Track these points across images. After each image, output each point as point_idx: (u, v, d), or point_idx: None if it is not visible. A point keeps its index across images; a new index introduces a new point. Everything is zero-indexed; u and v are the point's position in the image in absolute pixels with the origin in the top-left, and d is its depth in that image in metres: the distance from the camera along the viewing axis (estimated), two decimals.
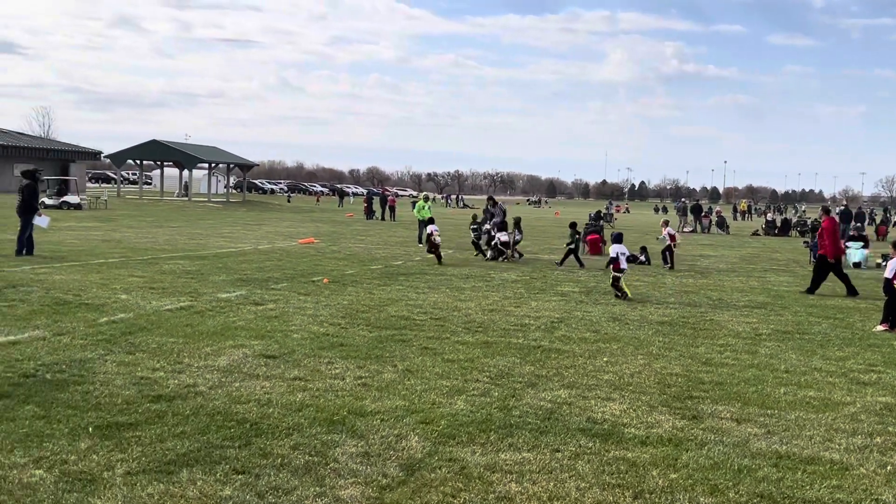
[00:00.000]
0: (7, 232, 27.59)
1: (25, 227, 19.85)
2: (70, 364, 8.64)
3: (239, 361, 9.16)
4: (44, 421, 6.69)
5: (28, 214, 19.92)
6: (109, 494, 5.26)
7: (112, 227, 32.40)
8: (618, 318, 13.41)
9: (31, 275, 15.77)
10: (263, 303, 13.55)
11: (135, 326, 10.90)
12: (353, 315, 12.67)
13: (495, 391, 8.27)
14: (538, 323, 12.62)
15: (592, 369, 9.52)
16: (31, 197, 20.15)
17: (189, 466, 5.80)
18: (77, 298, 13.06)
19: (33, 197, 20.22)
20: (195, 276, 16.73)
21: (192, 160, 66.11)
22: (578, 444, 6.71)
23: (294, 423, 6.95)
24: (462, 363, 9.52)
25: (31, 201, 20.07)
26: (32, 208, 20.03)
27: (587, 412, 7.67)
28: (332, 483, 5.63)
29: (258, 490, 5.45)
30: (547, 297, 15.87)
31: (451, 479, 5.78)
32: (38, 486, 5.34)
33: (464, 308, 13.88)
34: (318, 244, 27.78)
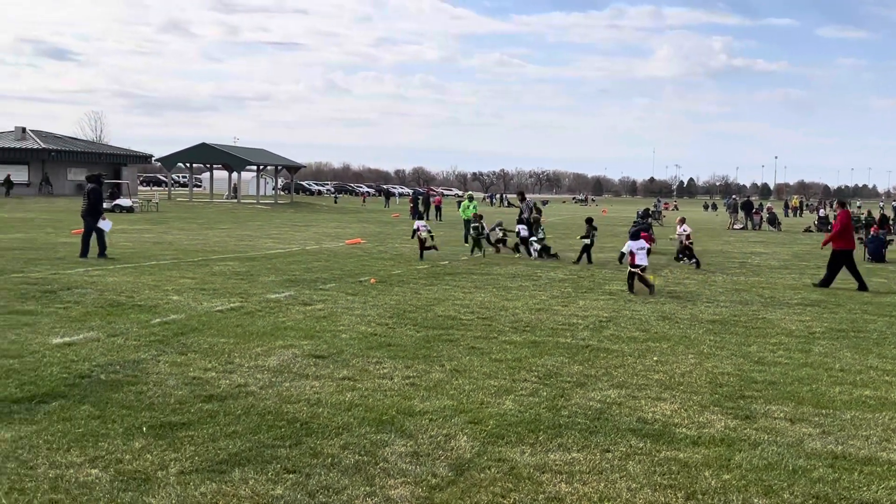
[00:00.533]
0: (62, 236, 28.19)
1: (90, 230, 20.34)
2: (124, 364, 8.80)
3: (289, 361, 9.25)
4: (99, 421, 6.81)
5: (94, 217, 20.43)
6: (163, 493, 5.35)
7: (163, 230, 32.93)
8: (667, 317, 13.27)
9: (84, 277, 16.09)
10: (312, 303, 13.66)
11: (187, 327, 11.06)
12: (400, 315, 12.71)
13: (544, 391, 8.23)
14: (586, 322, 12.54)
15: (642, 369, 9.43)
16: (98, 201, 20.69)
17: (241, 466, 5.87)
18: (130, 300, 13.30)
19: (99, 201, 20.75)
20: (245, 278, 16.93)
21: (240, 163, 66.92)
22: (629, 444, 6.65)
23: (343, 422, 6.99)
24: (510, 363, 9.50)
25: (98, 205, 20.61)
26: (98, 211, 20.55)
27: (637, 412, 7.59)
28: (382, 483, 5.66)
29: (309, 489, 5.49)
30: (595, 296, 15.76)
31: (501, 480, 5.76)
32: (95, 485, 5.44)
33: (511, 307, 13.85)
34: (365, 245, 27.92)
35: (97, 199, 20.69)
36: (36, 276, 16.07)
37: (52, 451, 6.06)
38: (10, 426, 6.59)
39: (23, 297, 13.25)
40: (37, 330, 10.54)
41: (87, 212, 20.56)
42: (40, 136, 72.84)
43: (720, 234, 41.19)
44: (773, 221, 49.96)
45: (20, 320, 11.17)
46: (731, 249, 30.56)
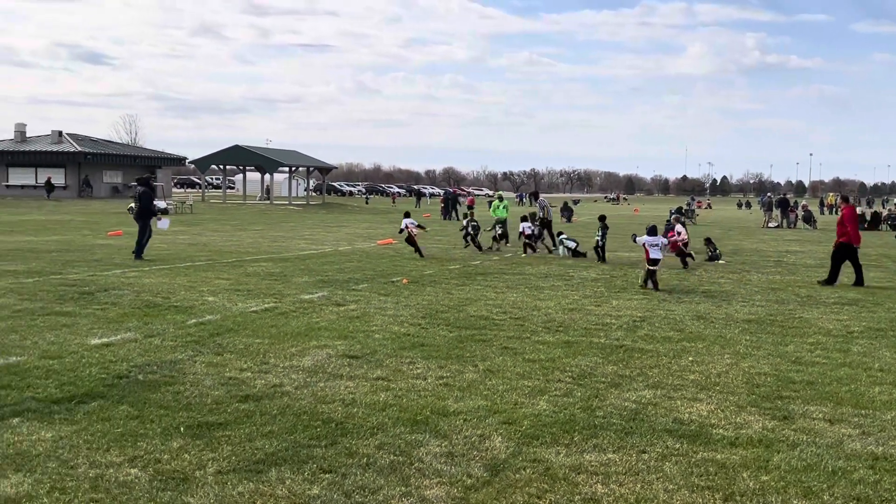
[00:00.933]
0: (99, 238, 28.56)
1: (144, 231, 20.76)
2: (161, 365, 8.90)
3: (323, 361, 9.29)
4: (137, 421, 6.90)
5: (145, 219, 20.84)
6: (202, 493, 5.40)
7: (198, 231, 33.24)
8: (702, 317, 13.16)
9: (121, 278, 16.29)
10: (345, 303, 13.71)
11: (222, 328, 11.16)
12: (432, 315, 12.73)
13: (578, 391, 8.20)
14: (620, 322, 12.47)
15: (677, 369, 9.36)
16: (149, 203, 21.14)
17: (278, 465, 5.92)
18: (166, 301, 13.45)
19: (150, 202, 21.18)
20: (278, 278, 17.04)
21: (273, 164, 67.38)
22: (665, 445, 6.61)
23: (378, 422, 7.01)
24: (543, 363, 9.47)
25: (150, 206, 21.06)
26: (150, 213, 20.98)
27: (673, 413, 7.54)
28: (418, 483, 5.67)
29: (345, 489, 5.52)
30: (628, 295, 15.67)
31: (536, 480, 5.75)
32: (134, 485, 5.51)
33: (543, 307, 13.81)
34: (397, 245, 27.97)
35: (148, 201, 21.16)
36: (74, 277, 16.31)
37: (91, 450, 6.15)
38: (51, 426, 6.69)
39: (61, 298, 13.45)
40: (75, 331, 10.70)
41: (138, 214, 21.02)
42: (76, 140, 73.86)
43: (755, 233, 40.75)
44: (809, 219, 49.35)
45: (59, 321, 11.34)
46: (767, 248, 30.23)
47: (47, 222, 37.22)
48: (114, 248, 24.02)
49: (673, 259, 23.90)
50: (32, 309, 12.30)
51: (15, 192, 68.38)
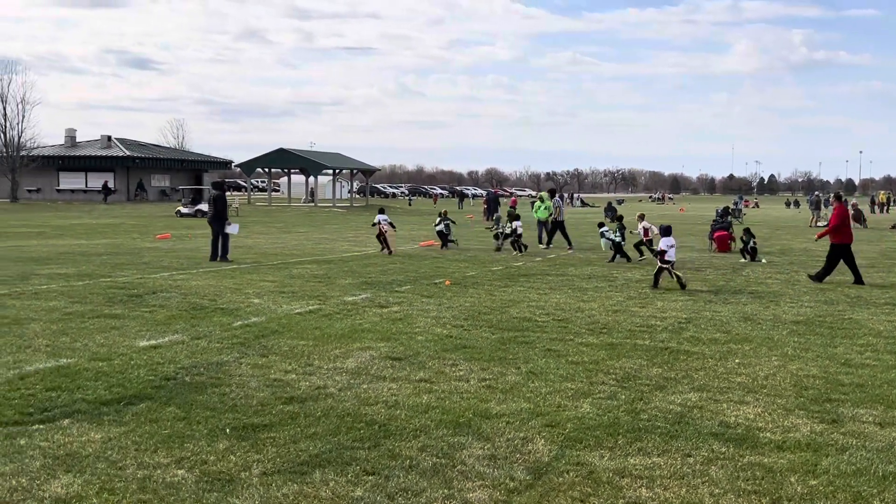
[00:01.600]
0: (147, 241, 29.02)
1: (218, 235, 21.28)
2: (207, 367, 9.01)
3: (366, 363, 9.34)
4: (184, 422, 6.99)
5: (219, 223, 21.34)
6: (247, 494, 5.46)
7: (244, 234, 33.57)
8: (749, 318, 12.98)
9: (169, 281, 16.54)
10: (388, 305, 13.77)
11: (267, 330, 11.27)
12: (475, 317, 12.72)
13: (622, 394, 8.14)
14: (665, 324, 12.35)
15: (724, 371, 9.24)
16: (224, 207, 21.63)
17: (321, 467, 5.96)
18: (213, 303, 13.62)
19: (225, 207, 21.68)
20: (323, 280, 17.17)
21: (317, 167, 67.93)
22: (711, 448, 6.53)
23: (421, 424, 7.03)
24: (587, 365, 9.41)
25: (224, 211, 21.52)
26: (224, 217, 21.45)
27: (719, 416, 7.45)
28: (460, 485, 5.67)
29: (388, 491, 5.54)
30: (673, 296, 15.51)
31: (580, 484, 5.72)
32: (181, 486, 5.59)
33: (587, 309, 13.73)
34: (439, 246, 28.02)
35: (223, 205, 21.66)
36: (123, 280, 16.60)
37: (139, 451, 6.25)
38: (100, 427, 6.82)
39: (110, 301, 13.70)
40: (124, 333, 10.88)
41: (213, 218, 21.50)
42: (125, 144, 75.23)
43: (803, 232, 40.06)
44: (859, 218, 48.37)
45: (108, 324, 11.55)
46: (815, 248, 29.69)
47: (97, 226, 37.92)
48: (162, 251, 24.40)
49: (720, 260, 23.60)
50: (82, 311, 12.54)
51: (65, 196, 69.84)
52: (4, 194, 68.09)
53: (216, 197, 21.76)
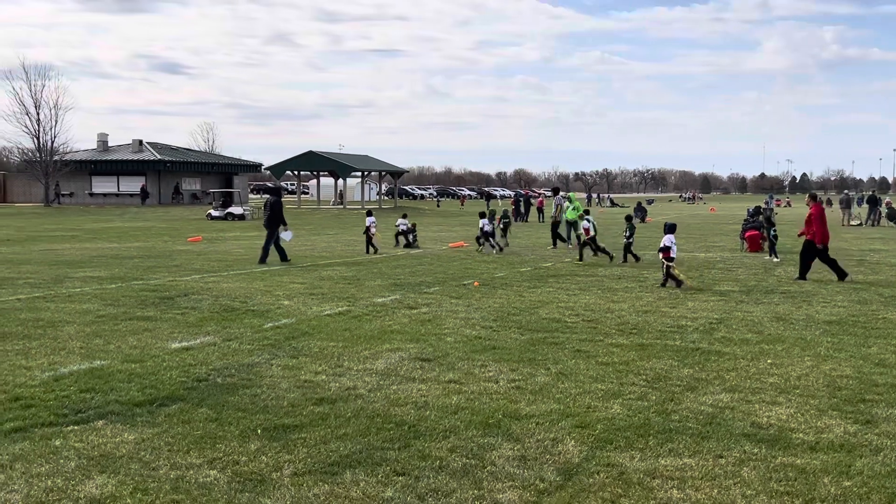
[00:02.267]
0: (178, 244, 29.29)
1: (271, 238, 21.54)
2: (239, 368, 9.09)
3: (395, 364, 9.37)
4: (216, 423, 7.05)
5: (275, 227, 21.58)
6: (278, 494, 5.50)
7: None
8: (781, 318, 12.85)
9: (200, 283, 16.69)
10: (417, 307, 13.79)
11: (297, 331, 11.34)
12: (504, 318, 12.71)
13: (652, 395, 8.09)
14: (696, 324, 12.26)
15: (755, 372, 9.16)
16: (280, 211, 21.84)
17: (352, 468, 5.99)
18: (243, 305, 13.73)
19: (281, 211, 21.90)
20: (352, 282, 17.24)
21: (346, 169, 68.17)
22: (743, 449, 6.47)
23: (450, 425, 7.04)
24: (617, 366, 9.37)
25: (280, 215, 21.74)
26: (280, 221, 21.66)
27: (751, 417, 7.38)
28: (490, 486, 5.67)
29: (418, 492, 5.55)
30: (705, 296, 15.39)
31: (610, 485, 5.70)
32: (213, 486, 5.64)
33: (617, 309, 13.66)
34: (468, 247, 28.03)
35: (279, 209, 21.84)
36: (155, 283, 16.77)
37: (172, 452, 6.31)
38: (133, 428, 6.90)
39: (143, 303, 13.85)
40: (156, 335, 11.00)
41: (268, 222, 21.70)
42: (156, 148, 76.00)
43: (836, 231, 39.57)
44: (893, 217, 47.73)
45: (141, 326, 11.68)
46: (849, 247, 29.37)
47: (129, 229, 38.35)
48: (193, 253, 24.63)
49: (751, 259, 23.39)
50: (115, 314, 12.69)
51: (98, 199, 70.69)
52: (38, 198, 69.07)
53: (273, 202, 22.04)
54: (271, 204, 21.93)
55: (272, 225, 21.60)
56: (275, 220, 21.61)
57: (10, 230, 36.61)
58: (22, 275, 18.07)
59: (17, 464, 6.01)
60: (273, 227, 21.58)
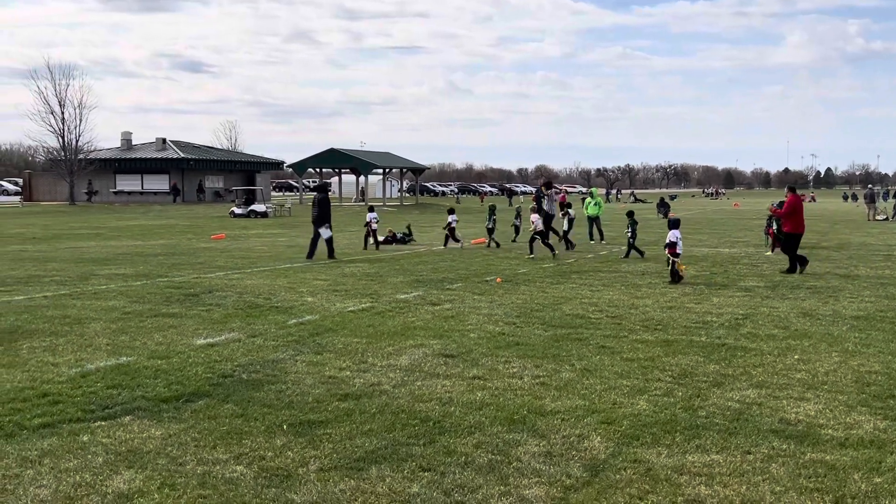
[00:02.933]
0: (202, 241, 29.44)
1: (318, 235, 21.91)
2: (264, 364, 9.12)
3: (419, 360, 9.36)
4: (242, 419, 7.08)
5: (323, 224, 21.87)
6: (304, 490, 5.51)
7: (296, 234, 33.92)
8: (808, 314, 12.72)
9: (224, 280, 16.77)
10: (440, 303, 13.79)
11: (321, 328, 11.36)
12: (527, 314, 12.68)
13: (679, 391, 8.03)
14: (721, 320, 12.17)
15: (783, 368, 9.07)
16: (328, 209, 22.20)
17: (377, 463, 5.99)
18: (267, 302, 13.77)
19: (328, 209, 22.26)
20: (374, 278, 17.26)
21: (367, 166, 68.31)
22: (771, 445, 6.41)
23: (475, 421, 7.02)
24: (642, 362, 9.32)
25: (328, 212, 22.10)
26: (328, 218, 22.00)
27: (779, 413, 7.31)
28: (517, 482, 5.65)
29: (444, 488, 5.54)
30: (730, 292, 15.28)
31: (638, 481, 5.66)
32: (240, 481, 5.66)
33: (641, 305, 13.59)
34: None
35: (327, 207, 22.22)
36: (179, 280, 16.87)
37: (199, 448, 6.34)
38: (160, 424, 6.93)
39: (168, 300, 13.93)
40: (182, 332, 11.06)
41: (317, 219, 22.02)
42: (179, 146, 76.45)
43: (861, 226, 39.21)
44: None
45: (166, 322, 11.75)
46: (875, 242, 29.05)
47: (153, 227, 38.61)
48: (216, 251, 24.76)
49: (776, 255, 23.18)
50: (141, 311, 12.78)
51: (122, 198, 71.25)
52: (63, 197, 69.71)
53: (320, 199, 22.35)
54: (319, 201, 22.30)
55: (321, 222, 21.97)
56: (322, 217, 22.00)
57: (36, 228, 36.97)
58: (48, 272, 18.24)
59: (46, 459, 6.07)
60: (321, 224, 21.98)
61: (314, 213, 22.23)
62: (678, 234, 17.26)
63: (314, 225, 22.16)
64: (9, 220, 43.65)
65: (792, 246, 18.88)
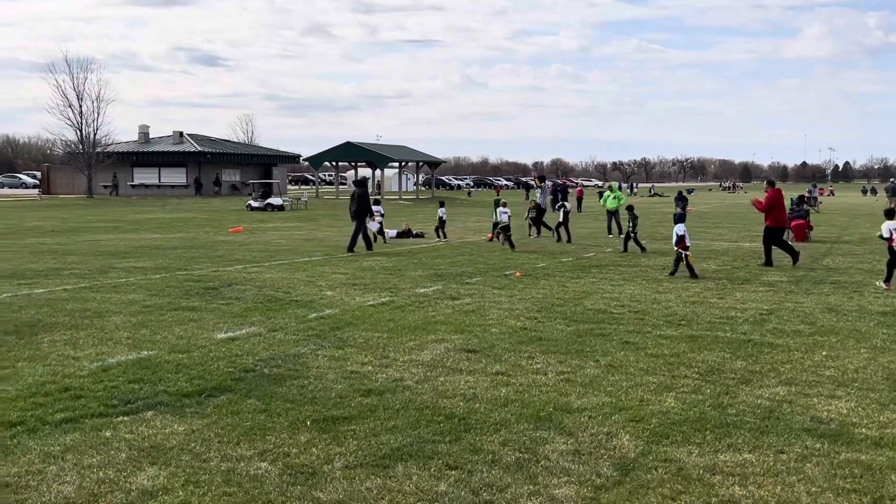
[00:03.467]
0: (220, 234, 29.45)
1: (359, 229, 22.30)
2: (285, 359, 9.04)
3: (441, 355, 9.27)
4: (265, 414, 7.01)
5: (362, 217, 22.32)
6: (331, 488, 5.42)
7: (313, 227, 33.94)
8: (834, 309, 12.54)
9: (243, 274, 16.73)
10: (459, 297, 13.68)
11: (341, 322, 11.28)
12: (548, 309, 12.56)
13: (707, 388, 7.90)
14: (746, 315, 12.01)
15: (811, 364, 8.92)
16: (367, 203, 22.70)
17: (403, 461, 5.89)
18: (287, 295, 13.71)
19: (367, 203, 22.78)
20: (393, 272, 17.17)
21: (383, 160, 68.21)
22: (804, 445, 6.28)
23: (501, 418, 6.92)
24: (667, 358, 9.18)
25: (368, 206, 22.67)
26: (367, 211, 22.55)
27: (810, 411, 7.17)
28: (546, 481, 5.55)
29: (472, 486, 5.45)
30: (753, 287, 15.10)
31: (669, 481, 5.54)
32: (265, 479, 5.58)
33: (663, 300, 13.44)
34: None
35: (366, 201, 22.69)
36: (198, 273, 16.83)
37: (223, 444, 6.27)
38: (183, 420, 6.87)
39: (187, 293, 13.89)
40: (202, 326, 11.00)
41: (356, 213, 22.38)
42: (196, 140, 76.57)
43: (882, 220, 38.78)
44: None
45: (186, 316, 11.69)
46: None
47: (171, 220, 38.67)
48: (235, 244, 24.74)
49: (797, 249, 22.94)
50: (161, 304, 12.73)
51: (139, 191, 71.49)
52: (81, 190, 69.99)
53: (360, 194, 22.64)
54: (358, 195, 22.59)
55: (360, 216, 22.30)
56: (362, 211, 22.31)
57: (55, 221, 37.11)
58: (67, 265, 18.25)
59: (69, 455, 6.01)
60: (361, 217, 22.28)
61: (352, 207, 22.57)
62: (684, 227, 17.30)
63: (353, 219, 22.47)
64: (27, 213, 43.85)
65: (774, 240, 18.92)
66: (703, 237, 26.51)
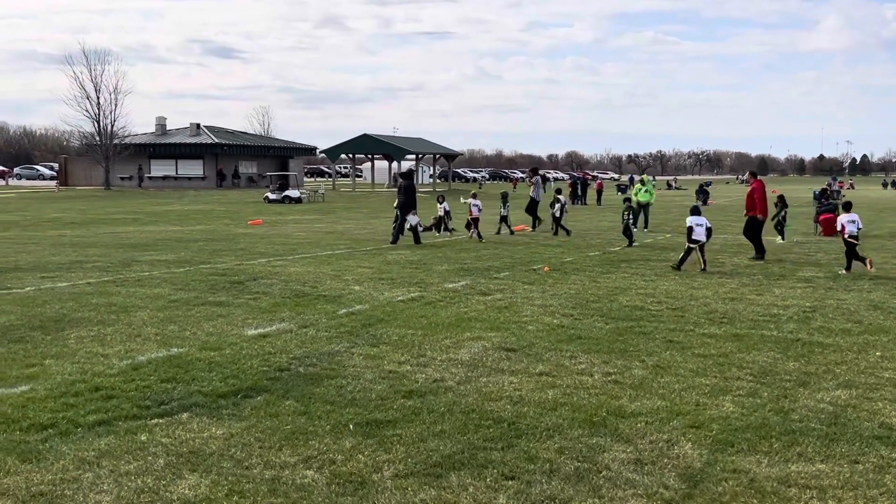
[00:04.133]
0: (240, 227, 29.21)
1: (404, 222, 21.99)
2: (319, 357, 8.74)
3: (480, 354, 8.95)
4: (305, 417, 6.70)
5: (409, 210, 21.96)
6: (383, 499, 5.11)
7: (332, 219, 33.64)
8: (878, 307, 12.15)
9: (267, 267, 16.44)
10: (490, 293, 13.36)
11: (373, 318, 10.98)
12: (583, 305, 12.22)
13: (763, 391, 7.55)
14: (788, 313, 11.63)
15: (867, 366, 8.55)
16: (414, 196, 22.34)
17: (456, 470, 5.58)
18: (314, 290, 13.41)
19: (414, 196, 22.41)
20: (419, 266, 16.85)
21: (400, 152, 67.88)
22: (879, 454, 5.93)
23: (552, 423, 6.60)
24: (716, 358, 8.83)
25: (414, 199, 22.26)
26: (413, 205, 22.15)
27: (878, 416, 6.82)
28: (611, 494, 5.22)
29: (532, 499, 5.13)
30: (790, 283, 14.70)
31: (742, 494, 5.21)
32: (312, 488, 5.27)
33: (700, 296, 13.07)
34: (529, 231, 27.53)
35: (412, 194, 22.32)
36: (222, 266, 16.56)
37: (264, 449, 5.97)
38: (220, 422, 6.57)
39: (213, 288, 13.61)
40: (231, 321, 10.72)
41: (402, 205, 22.10)
42: (213, 132, 76.44)
43: None
44: None
45: (214, 311, 11.41)
46: None
47: (189, 212, 38.48)
48: (255, 237, 24.49)
49: (828, 244, 22.50)
50: (187, 299, 12.46)
51: (156, 182, 71.42)
52: (98, 181, 69.98)
53: (406, 186, 22.30)
54: (405, 188, 22.23)
55: (406, 209, 21.93)
56: (408, 205, 21.95)
57: (74, 213, 36.98)
58: (90, 258, 18.02)
59: (104, 461, 5.72)
60: (406, 210, 21.94)
61: (400, 199, 22.25)
62: (699, 219, 17.09)
63: (400, 211, 22.15)
64: (46, 205, 43.76)
65: (753, 229, 18.99)
66: (728, 231, 26.06)
